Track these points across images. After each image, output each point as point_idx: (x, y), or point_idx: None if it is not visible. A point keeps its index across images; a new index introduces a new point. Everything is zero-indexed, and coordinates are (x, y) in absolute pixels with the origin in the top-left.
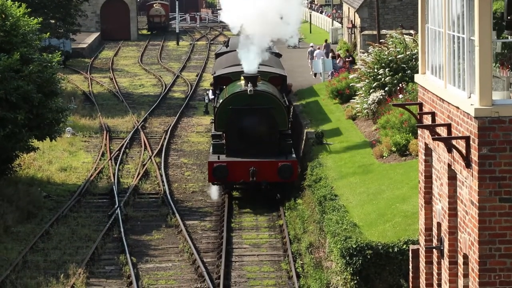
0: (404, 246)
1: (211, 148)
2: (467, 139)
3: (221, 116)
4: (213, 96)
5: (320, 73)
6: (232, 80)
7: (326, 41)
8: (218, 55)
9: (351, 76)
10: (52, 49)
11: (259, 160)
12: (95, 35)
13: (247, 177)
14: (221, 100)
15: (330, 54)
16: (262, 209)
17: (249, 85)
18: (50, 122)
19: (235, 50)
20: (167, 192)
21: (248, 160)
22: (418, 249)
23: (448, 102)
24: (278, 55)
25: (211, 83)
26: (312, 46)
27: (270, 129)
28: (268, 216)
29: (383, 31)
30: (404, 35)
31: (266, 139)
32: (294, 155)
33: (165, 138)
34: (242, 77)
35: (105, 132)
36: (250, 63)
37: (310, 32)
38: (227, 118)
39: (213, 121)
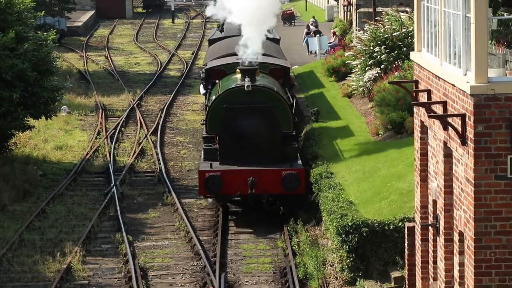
0: (400, 224)
1: (202, 153)
2: (462, 116)
3: (213, 116)
4: (204, 91)
5: (316, 51)
6: (227, 73)
7: (313, 17)
8: (211, 41)
9: (346, 54)
10: (47, 28)
11: (259, 169)
12: (90, 13)
13: (245, 189)
14: (213, 98)
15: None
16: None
17: (246, 79)
18: (45, 101)
19: (231, 36)
20: (163, 170)
21: (246, 168)
22: (414, 226)
23: (443, 80)
24: (277, 41)
25: (202, 77)
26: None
27: (271, 132)
28: None
29: (379, 9)
30: (400, 13)
31: (267, 143)
32: (300, 162)
33: (160, 117)
34: (238, 70)
35: (100, 110)
36: (247, 52)
37: (306, 10)
38: (220, 119)
39: (204, 122)
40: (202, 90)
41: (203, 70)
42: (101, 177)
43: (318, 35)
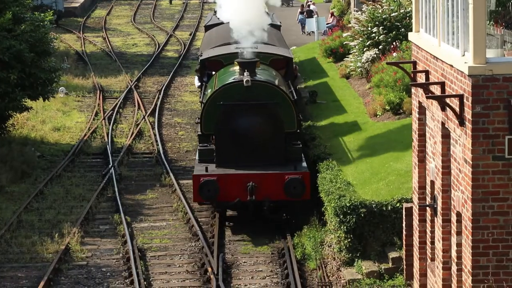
0: (398, 204)
1: (197, 154)
2: (460, 97)
3: (209, 114)
4: (199, 84)
5: (314, 32)
6: (224, 64)
7: None
8: (207, 28)
9: (344, 35)
10: (44, 8)
11: (259, 173)
12: None
13: (244, 195)
14: (209, 93)
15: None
16: None
17: (245, 73)
18: (43, 82)
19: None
20: (161, 151)
21: (245, 172)
22: (412, 207)
23: (442, 60)
24: (278, 27)
25: (196, 68)
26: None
27: (273, 131)
28: None
29: None
30: None
31: (269, 144)
32: (304, 163)
33: (158, 98)
34: (236, 62)
35: (98, 91)
36: (246, 41)
37: None
38: (217, 117)
39: (199, 119)
40: (197, 83)
41: (199, 60)
42: (99, 158)
43: (315, 16)
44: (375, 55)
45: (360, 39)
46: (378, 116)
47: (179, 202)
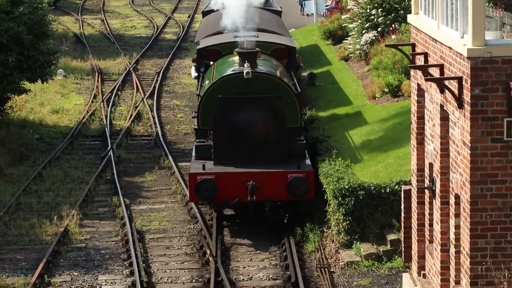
0: (396, 187)
1: (194, 150)
2: (459, 79)
3: (207, 108)
4: (196, 75)
5: (312, 14)
6: (222, 54)
7: None
8: (205, 13)
9: (343, 17)
10: None
11: (260, 171)
12: None
13: (244, 195)
14: (207, 85)
15: None
16: None
17: (245, 64)
18: (41, 64)
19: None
20: (160, 134)
21: (245, 170)
22: (410, 189)
23: (440, 43)
24: (279, 13)
25: (193, 58)
26: None
27: (275, 126)
28: None
29: None
30: None
31: (270, 140)
32: (308, 161)
33: (157, 80)
34: (235, 52)
35: (97, 74)
36: (246, 29)
37: None
38: (215, 111)
39: (196, 113)
40: (193, 73)
41: (196, 50)
42: (97, 140)
43: None
44: (374, 38)
45: (359, 21)
46: (376, 98)
47: (177, 184)
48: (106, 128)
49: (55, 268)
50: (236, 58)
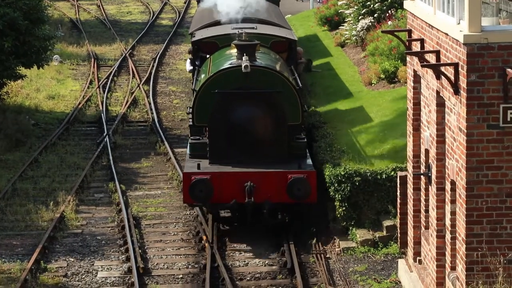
0: (392, 173)
1: (188, 148)
2: (455, 65)
3: (202, 103)
4: (191, 68)
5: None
6: (219, 46)
7: None
8: (199, 0)
9: (340, 3)
10: None
11: (259, 171)
12: None
13: (241, 196)
14: (202, 79)
15: None
16: None
17: (244, 58)
18: (37, 50)
19: None
20: (156, 120)
21: (243, 170)
22: (406, 175)
23: (437, 29)
24: (277, 2)
25: (189, 50)
26: None
27: (275, 124)
28: None
29: None
30: None
31: (270, 138)
32: (310, 160)
33: (153, 66)
34: (233, 45)
35: (92, 60)
36: (243, 20)
37: None
38: (211, 107)
39: (190, 110)
40: (188, 67)
41: (191, 42)
42: (93, 126)
43: None
44: (370, 24)
45: (355, 7)
46: (373, 84)
47: (174, 170)
48: (102, 114)
49: (51, 253)
50: (234, 51)
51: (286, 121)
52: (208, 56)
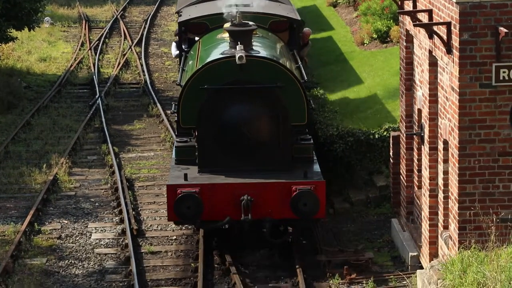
0: (385, 133)
1: (173, 153)
2: (448, 24)
3: (190, 100)
4: (177, 53)
5: None
6: (210, 28)
7: None
8: None
9: None
10: None
11: (257, 182)
12: None
13: (236, 212)
14: (189, 71)
15: None
16: None
17: (238, 47)
18: (28, 12)
19: None
20: (148, 81)
21: (238, 181)
22: (399, 135)
23: None
24: None
25: (175, 32)
26: None
27: (275, 124)
28: None
29: None
30: None
31: (270, 141)
32: (317, 167)
33: (145, 28)
34: (225, 30)
35: (84, 21)
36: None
37: None
38: (200, 105)
39: (175, 108)
40: (174, 51)
41: (178, 23)
42: (85, 88)
43: None
44: None
45: None
46: (365, 44)
47: (166, 132)
48: (94, 76)
49: (45, 216)
50: (227, 36)
51: (288, 122)
52: (197, 38)
